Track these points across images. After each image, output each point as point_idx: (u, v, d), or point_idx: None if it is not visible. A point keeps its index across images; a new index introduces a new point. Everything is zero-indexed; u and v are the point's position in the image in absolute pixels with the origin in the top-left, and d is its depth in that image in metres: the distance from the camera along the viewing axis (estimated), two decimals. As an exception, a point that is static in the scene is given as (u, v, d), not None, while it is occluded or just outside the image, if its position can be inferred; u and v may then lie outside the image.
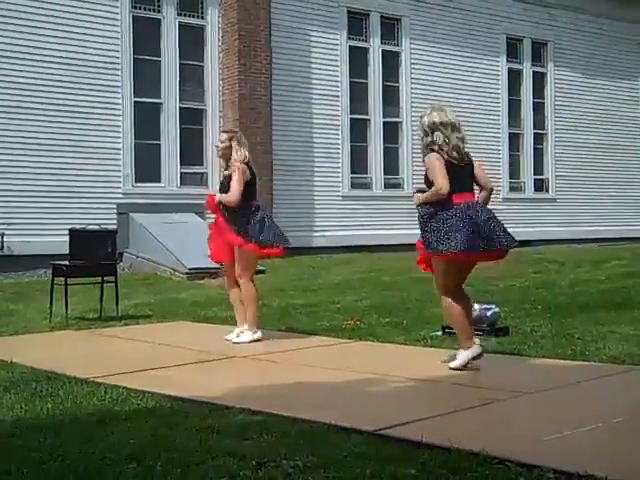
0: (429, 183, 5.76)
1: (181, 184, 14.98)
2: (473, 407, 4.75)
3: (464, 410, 4.69)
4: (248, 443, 3.97)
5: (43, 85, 13.46)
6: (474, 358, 5.79)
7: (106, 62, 14.05)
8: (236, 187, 7.09)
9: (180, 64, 14.96)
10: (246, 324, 7.25)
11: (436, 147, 5.74)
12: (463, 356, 5.79)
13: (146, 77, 14.65)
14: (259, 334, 7.21)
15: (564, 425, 4.23)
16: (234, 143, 7.25)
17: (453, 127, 5.79)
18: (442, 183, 5.61)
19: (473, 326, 6.14)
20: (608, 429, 4.22)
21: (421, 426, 4.23)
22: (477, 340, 5.92)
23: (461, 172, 5.75)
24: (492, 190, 5.98)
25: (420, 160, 6.16)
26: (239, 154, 7.22)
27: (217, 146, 7.41)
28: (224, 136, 7.39)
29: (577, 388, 5.29)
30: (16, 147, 13.25)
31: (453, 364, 5.80)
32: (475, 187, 5.93)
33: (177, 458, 3.74)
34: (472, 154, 6.02)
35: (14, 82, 13.25)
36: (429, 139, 5.80)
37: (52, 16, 13.58)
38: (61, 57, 13.63)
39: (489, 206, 5.88)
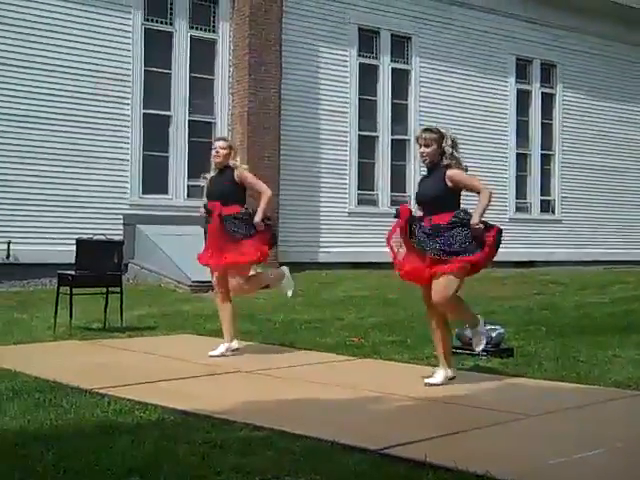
0: (442, 189, 5.91)
1: (188, 197, 14.99)
2: (477, 428, 4.74)
3: (468, 431, 4.68)
4: (251, 459, 3.96)
5: (53, 95, 13.50)
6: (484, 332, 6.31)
7: (116, 73, 14.10)
8: (260, 182, 7.34)
9: (190, 77, 15.01)
10: (229, 338, 7.31)
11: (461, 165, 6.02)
12: (480, 336, 6.27)
13: (156, 89, 14.70)
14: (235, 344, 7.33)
15: (568, 448, 4.22)
16: (232, 152, 7.43)
17: None
18: (489, 189, 6.00)
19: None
20: (612, 453, 4.21)
21: (425, 446, 4.22)
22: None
23: None
24: None
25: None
26: (238, 160, 7.45)
27: (217, 152, 7.43)
28: (224, 144, 7.49)
29: (581, 411, 5.27)
30: (24, 156, 13.28)
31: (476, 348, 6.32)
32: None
33: (180, 472, 3.74)
34: (479, 173, 6.20)
35: (24, 91, 13.30)
36: (456, 154, 6.02)
37: (64, 27, 13.63)
38: (71, 68, 13.67)
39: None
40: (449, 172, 5.95)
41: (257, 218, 7.16)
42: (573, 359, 6.99)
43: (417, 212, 6.19)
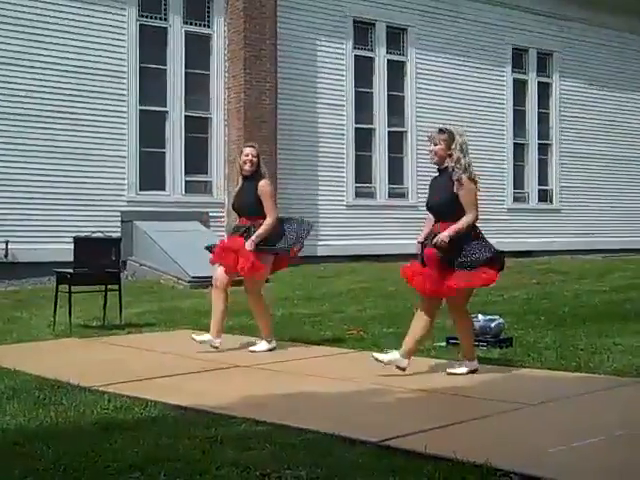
0: (450, 197, 5.88)
1: (186, 192, 14.99)
2: (477, 418, 4.75)
3: (468, 421, 4.68)
4: (251, 453, 3.97)
5: (49, 92, 13.49)
6: (473, 371, 6.08)
7: (112, 70, 14.08)
8: (271, 204, 7.25)
9: (186, 72, 14.99)
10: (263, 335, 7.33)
11: (468, 172, 5.91)
12: (469, 365, 6.06)
13: (152, 85, 14.69)
14: (274, 344, 7.32)
15: (568, 437, 4.22)
16: (261, 161, 7.37)
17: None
18: (477, 214, 5.92)
19: (475, 337, 6.58)
20: (612, 442, 4.21)
21: (425, 437, 4.22)
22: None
23: None
24: None
25: (425, 169, 6.32)
26: (264, 171, 7.36)
27: (251, 160, 7.29)
28: (255, 151, 7.35)
29: (581, 400, 5.27)
30: (21, 154, 13.28)
31: (456, 370, 6.06)
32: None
33: (180, 468, 3.74)
34: (477, 164, 6.11)
35: (19, 89, 13.29)
36: (468, 160, 5.94)
37: (58, 24, 13.61)
38: (67, 65, 13.66)
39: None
40: (457, 181, 5.91)
41: (253, 237, 7.10)
42: (572, 348, 6.99)
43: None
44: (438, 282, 5.87)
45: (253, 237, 7.11)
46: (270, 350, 7.23)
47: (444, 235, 5.80)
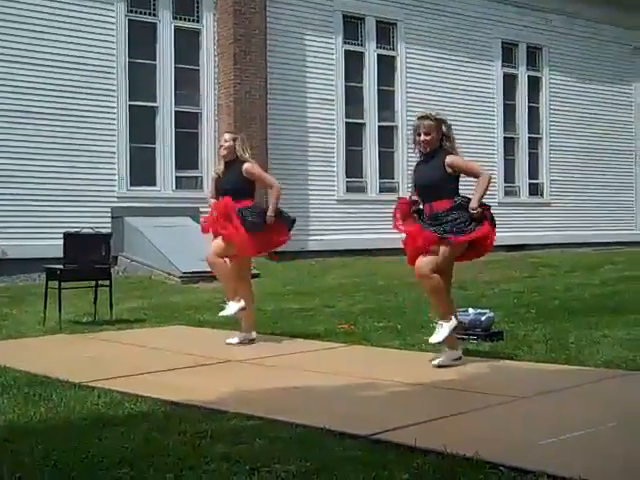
0: (441, 175, 5.95)
1: (176, 188, 14.97)
2: (467, 412, 4.75)
3: (458, 415, 4.69)
4: (242, 448, 3.96)
5: (36, 89, 13.45)
6: (454, 329, 6.05)
7: (101, 65, 14.04)
8: (268, 176, 7.47)
9: (175, 68, 14.97)
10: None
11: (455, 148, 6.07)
12: (444, 329, 6.00)
13: (141, 81, 14.65)
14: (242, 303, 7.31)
15: (558, 430, 4.22)
16: (238, 144, 7.36)
17: None
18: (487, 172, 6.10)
19: (466, 330, 6.63)
20: (602, 434, 4.22)
21: (415, 431, 4.23)
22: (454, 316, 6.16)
23: None
24: None
25: (415, 164, 6.29)
26: (248, 154, 7.38)
27: (222, 145, 7.42)
28: (229, 136, 7.46)
29: (571, 393, 5.29)
30: (10, 151, 13.23)
31: (433, 339, 6.07)
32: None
33: (170, 463, 3.73)
34: (467, 158, 6.15)
35: (8, 86, 13.24)
36: (452, 141, 6.07)
37: (46, 19, 13.56)
38: (55, 61, 13.61)
39: None
40: (448, 159, 5.96)
41: (270, 212, 7.17)
42: (563, 340, 7.01)
43: (413, 196, 6.21)
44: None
45: (269, 212, 7.15)
46: (242, 309, 7.27)
47: (474, 205, 5.87)
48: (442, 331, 6.01)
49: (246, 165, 7.28)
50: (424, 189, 6.12)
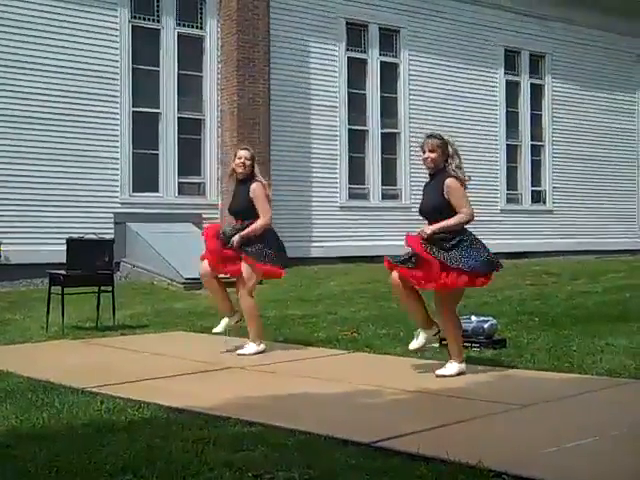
0: (441, 201, 5.93)
1: (179, 194, 14.98)
2: (470, 419, 4.75)
3: (461, 422, 4.68)
4: (244, 454, 3.96)
5: (40, 94, 13.47)
6: (460, 373, 6.04)
7: (104, 71, 14.06)
8: (265, 206, 7.17)
9: (179, 74, 14.99)
10: (249, 337, 7.26)
11: (461, 173, 5.96)
12: (455, 367, 6.02)
13: (144, 87, 14.67)
14: (263, 346, 7.22)
15: (561, 438, 4.22)
16: (255, 163, 7.32)
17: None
18: (472, 210, 5.95)
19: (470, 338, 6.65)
20: (605, 442, 4.21)
21: (418, 438, 4.22)
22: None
23: None
24: None
25: (418, 171, 6.34)
26: (258, 173, 7.31)
27: (243, 163, 7.23)
28: (249, 154, 7.29)
29: (574, 401, 5.28)
30: (13, 156, 13.25)
31: (445, 372, 6.02)
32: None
33: (173, 469, 3.73)
34: (470, 166, 6.16)
35: (11, 91, 13.26)
36: (457, 161, 6.00)
37: (50, 25, 13.59)
38: (59, 67, 13.64)
39: None
40: (448, 181, 5.95)
41: (243, 233, 7.07)
42: (566, 349, 7.00)
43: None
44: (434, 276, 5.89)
45: (243, 233, 7.06)
46: (259, 353, 7.16)
47: (429, 231, 5.89)
48: (452, 368, 6.04)
49: (254, 185, 7.22)
50: (425, 214, 6.19)
